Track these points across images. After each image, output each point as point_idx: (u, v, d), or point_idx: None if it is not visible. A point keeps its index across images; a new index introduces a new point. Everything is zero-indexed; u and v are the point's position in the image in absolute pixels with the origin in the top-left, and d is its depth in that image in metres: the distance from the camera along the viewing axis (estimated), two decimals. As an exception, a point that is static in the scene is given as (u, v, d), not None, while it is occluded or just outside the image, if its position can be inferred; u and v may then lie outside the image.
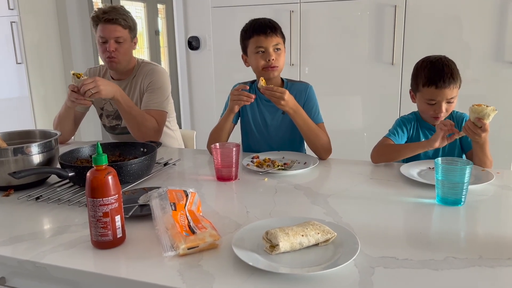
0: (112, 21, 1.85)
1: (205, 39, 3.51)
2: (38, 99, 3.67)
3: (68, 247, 0.97)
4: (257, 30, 1.64)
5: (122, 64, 1.93)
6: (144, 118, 1.83)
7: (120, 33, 1.87)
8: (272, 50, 1.64)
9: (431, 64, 1.53)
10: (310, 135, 1.64)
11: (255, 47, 1.65)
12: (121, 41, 1.88)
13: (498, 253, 0.90)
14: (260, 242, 0.94)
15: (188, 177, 1.49)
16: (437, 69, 1.50)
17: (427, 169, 1.47)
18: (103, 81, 1.70)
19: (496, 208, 1.21)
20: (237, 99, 1.59)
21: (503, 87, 2.40)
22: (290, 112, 1.59)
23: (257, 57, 1.65)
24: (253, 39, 1.65)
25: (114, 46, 1.87)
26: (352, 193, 1.30)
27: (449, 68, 1.50)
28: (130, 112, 1.80)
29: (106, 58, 1.90)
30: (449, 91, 1.48)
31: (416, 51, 2.48)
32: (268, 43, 1.63)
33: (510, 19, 2.31)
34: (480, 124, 1.37)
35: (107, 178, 0.94)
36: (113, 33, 1.86)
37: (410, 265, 0.86)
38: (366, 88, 2.68)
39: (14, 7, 3.41)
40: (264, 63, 1.64)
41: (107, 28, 1.85)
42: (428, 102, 1.51)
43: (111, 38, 1.86)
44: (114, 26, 1.86)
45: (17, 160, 1.31)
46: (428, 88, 1.50)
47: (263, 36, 1.63)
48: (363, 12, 2.58)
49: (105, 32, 1.86)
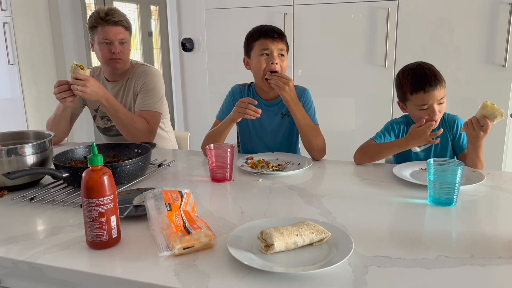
0: (116, 23, 1.87)
1: (199, 40, 3.51)
2: (30, 100, 3.65)
3: (63, 248, 0.97)
4: (265, 33, 1.66)
5: (126, 64, 1.97)
6: (132, 120, 1.84)
7: (123, 35, 1.90)
8: (277, 54, 1.65)
9: (413, 72, 1.54)
10: (307, 131, 1.65)
11: (260, 49, 1.65)
12: (125, 42, 1.92)
13: (489, 252, 0.92)
14: (255, 242, 0.95)
15: (183, 178, 1.49)
16: (420, 75, 1.51)
17: (419, 170, 1.49)
18: (93, 83, 1.70)
19: (487, 208, 1.23)
20: (243, 112, 1.57)
21: (494, 89, 2.43)
22: (290, 103, 1.61)
23: (260, 59, 1.66)
24: (259, 42, 1.66)
25: (119, 47, 1.90)
26: (346, 193, 1.32)
27: (431, 70, 1.52)
28: (116, 115, 1.81)
29: (109, 60, 1.90)
30: (437, 92, 1.50)
31: (408, 54, 2.51)
32: (274, 46, 1.65)
33: (500, 22, 2.35)
34: (483, 123, 1.39)
35: (102, 178, 0.94)
36: (118, 35, 1.88)
37: (403, 264, 0.88)
38: (359, 90, 2.70)
39: (6, 8, 3.39)
40: (267, 66, 1.65)
41: (112, 30, 1.87)
42: (421, 108, 1.52)
43: (116, 40, 1.88)
44: (118, 28, 1.88)
45: (11, 161, 1.31)
46: (417, 95, 1.51)
47: (269, 40, 1.65)
48: (356, 14, 2.60)
49: (109, 34, 1.87)
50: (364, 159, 1.60)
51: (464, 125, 1.45)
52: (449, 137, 1.61)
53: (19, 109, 3.60)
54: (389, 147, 1.56)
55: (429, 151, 1.63)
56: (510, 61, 2.36)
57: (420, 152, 1.63)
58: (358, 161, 1.61)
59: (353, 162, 1.63)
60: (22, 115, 3.61)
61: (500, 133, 2.45)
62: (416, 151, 1.63)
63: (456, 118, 1.62)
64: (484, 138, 1.44)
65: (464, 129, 1.46)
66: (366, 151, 1.60)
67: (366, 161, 1.60)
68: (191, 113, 3.73)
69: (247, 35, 1.74)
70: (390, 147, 1.56)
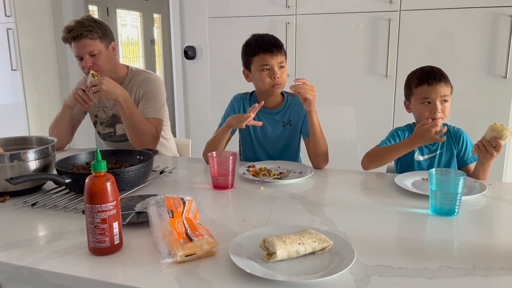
0: (78, 37, 1.79)
1: (201, 49, 3.53)
2: (32, 106, 3.66)
3: (65, 254, 0.97)
4: (263, 48, 1.65)
5: (106, 73, 1.88)
6: (145, 125, 1.84)
7: (91, 47, 1.82)
8: (277, 68, 1.66)
9: (421, 69, 1.60)
10: (320, 138, 1.65)
11: (260, 64, 1.66)
12: (95, 53, 1.83)
13: (491, 263, 0.92)
14: (257, 250, 0.94)
15: (184, 185, 1.50)
16: (427, 70, 1.57)
17: (421, 180, 1.49)
18: (109, 82, 1.73)
19: (489, 218, 1.23)
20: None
21: (495, 100, 2.44)
22: (312, 110, 1.59)
23: (262, 74, 1.66)
24: (258, 57, 1.66)
25: (90, 61, 1.83)
26: (348, 202, 1.32)
27: (438, 69, 1.57)
28: (131, 117, 1.81)
29: (87, 74, 1.85)
30: (441, 88, 1.52)
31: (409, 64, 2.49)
32: (274, 61, 1.65)
33: (501, 33, 2.36)
34: (495, 144, 1.40)
35: (105, 184, 0.94)
36: (84, 49, 1.81)
37: (405, 273, 0.88)
38: (360, 99, 2.71)
39: (10, 14, 3.41)
40: (270, 81, 1.66)
41: (76, 46, 1.81)
42: (423, 102, 1.55)
43: (84, 54, 1.82)
44: (82, 41, 1.80)
45: (14, 166, 1.31)
46: (421, 87, 1.54)
47: (268, 55, 1.64)
48: (357, 24, 2.62)
49: (76, 50, 1.82)
50: (372, 163, 1.60)
51: (475, 148, 1.46)
52: (454, 149, 1.62)
53: (21, 115, 3.61)
54: (395, 148, 1.56)
55: (432, 161, 1.63)
56: (511, 72, 2.37)
57: (423, 161, 1.64)
58: (366, 166, 1.61)
59: (355, 171, 1.63)
60: (24, 120, 3.61)
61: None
62: (419, 159, 1.63)
63: (461, 132, 1.63)
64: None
65: (475, 152, 1.47)
66: (373, 155, 1.61)
67: (374, 165, 1.60)
68: (193, 121, 3.74)
69: (244, 46, 1.73)
70: (396, 148, 1.56)
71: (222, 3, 2.90)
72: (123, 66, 2.01)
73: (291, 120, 1.77)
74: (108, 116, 2.03)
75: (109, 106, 2.01)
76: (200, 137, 2.96)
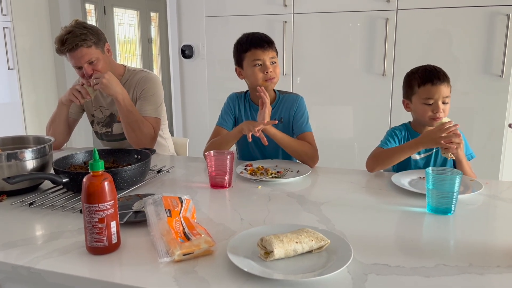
0: (73, 48, 1.75)
1: (199, 47, 3.53)
2: (29, 105, 3.64)
3: (63, 253, 0.97)
4: (254, 44, 1.67)
5: None
6: (142, 124, 1.84)
7: (88, 55, 1.78)
8: (269, 63, 1.67)
9: (423, 67, 1.59)
10: (289, 147, 1.67)
11: (252, 60, 1.67)
12: (94, 60, 1.80)
13: (487, 261, 0.92)
14: (254, 249, 0.95)
15: (182, 184, 1.50)
16: (430, 70, 1.56)
17: (418, 179, 1.50)
18: (110, 77, 1.76)
19: (485, 217, 1.24)
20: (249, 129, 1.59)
21: (491, 99, 2.45)
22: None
23: (255, 70, 1.67)
24: (250, 53, 1.67)
25: (90, 68, 1.80)
26: (345, 201, 1.32)
27: (440, 69, 1.57)
28: (129, 116, 1.81)
29: (87, 81, 1.82)
30: (444, 88, 1.52)
31: (406, 63, 2.51)
32: (265, 56, 1.66)
33: (498, 32, 2.37)
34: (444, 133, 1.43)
35: (103, 184, 0.94)
36: (82, 59, 1.78)
37: (402, 272, 0.88)
38: (357, 98, 2.71)
39: (7, 13, 3.40)
40: (262, 76, 1.67)
41: (73, 57, 1.78)
42: (426, 102, 1.54)
43: (83, 63, 1.79)
44: (78, 51, 1.76)
45: (11, 166, 1.31)
46: (425, 87, 1.54)
47: (260, 50, 1.66)
48: (354, 23, 2.63)
49: (73, 61, 1.79)
50: (378, 165, 1.58)
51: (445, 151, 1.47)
52: None
53: (18, 114, 3.60)
54: (401, 150, 1.55)
55: (428, 160, 1.64)
56: (507, 71, 2.38)
57: (419, 160, 1.64)
58: (371, 169, 1.59)
59: (352, 170, 1.64)
60: (21, 120, 3.61)
61: (497, 142, 2.47)
62: (415, 158, 1.64)
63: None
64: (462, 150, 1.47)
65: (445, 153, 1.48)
66: (378, 157, 1.59)
67: (380, 167, 1.59)
68: (190, 120, 3.74)
69: (236, 44, 1.74)
70: (402, 150, 1.55)
71: (219, 2, 2.90)
72: (120, 66, 2.01)
73: (282, 117, 1.77)
74: (105, 116, 2.03)
75: (106, 105, 2.01)
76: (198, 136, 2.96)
